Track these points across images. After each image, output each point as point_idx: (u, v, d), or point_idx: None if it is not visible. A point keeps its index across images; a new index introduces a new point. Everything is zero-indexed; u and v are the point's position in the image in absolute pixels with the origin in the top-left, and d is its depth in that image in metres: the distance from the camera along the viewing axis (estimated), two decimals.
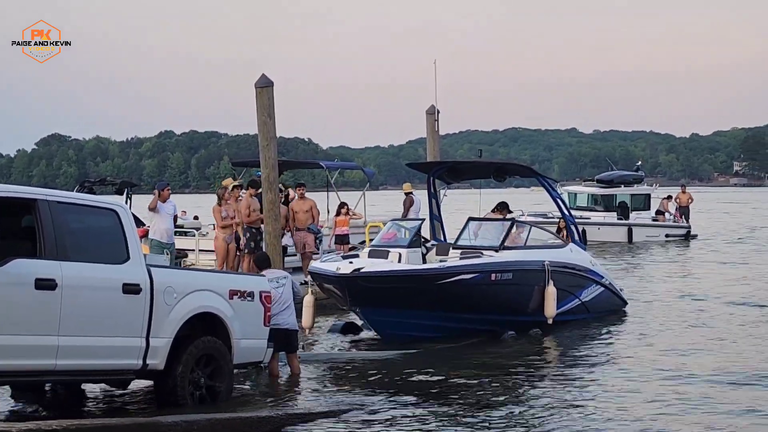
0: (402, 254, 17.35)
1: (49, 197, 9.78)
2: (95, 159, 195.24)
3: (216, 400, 11.01)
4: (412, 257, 17.50)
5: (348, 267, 15.98)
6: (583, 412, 11.43)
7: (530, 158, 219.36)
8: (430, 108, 25.72)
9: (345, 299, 16.21)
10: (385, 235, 18.54)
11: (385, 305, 15.95)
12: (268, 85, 19.53)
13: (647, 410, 11.48)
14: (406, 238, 17.99)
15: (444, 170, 20.40)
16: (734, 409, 11.57)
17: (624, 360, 14.84)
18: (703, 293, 22.91)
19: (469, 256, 16.91)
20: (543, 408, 11.65)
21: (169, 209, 19.23)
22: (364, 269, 15.95)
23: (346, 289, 15.89)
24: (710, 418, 11.19)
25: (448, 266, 16.55)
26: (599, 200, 43.72)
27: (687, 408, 11.63)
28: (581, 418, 11.15)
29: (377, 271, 16.06)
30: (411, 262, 17.26)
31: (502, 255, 17.11)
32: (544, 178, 19.52)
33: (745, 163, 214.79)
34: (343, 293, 16.06)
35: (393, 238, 18.15)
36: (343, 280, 15.81)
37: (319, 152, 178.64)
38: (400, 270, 16.39)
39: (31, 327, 9.22)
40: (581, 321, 18.37)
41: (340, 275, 15.83)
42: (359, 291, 15.84)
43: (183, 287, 10.72)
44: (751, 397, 12.13)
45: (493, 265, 16.74)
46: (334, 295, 16.56)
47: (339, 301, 16.80)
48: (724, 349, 15.62)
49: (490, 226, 18.51)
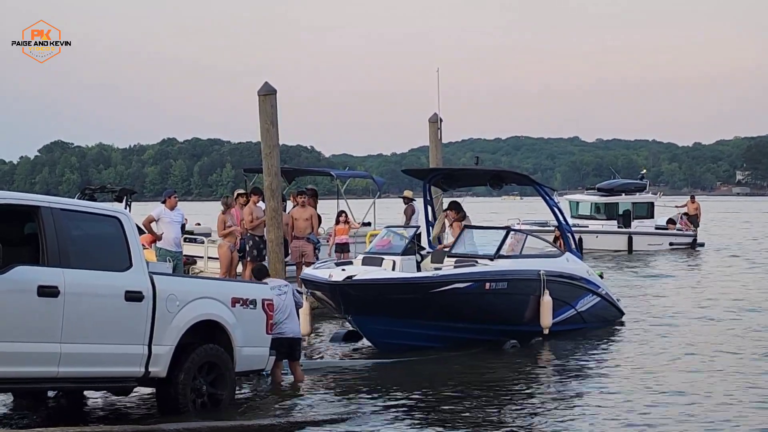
0: (396, 262, 17.19)
1: (52, 204, 9.80)
2: (98, 166, 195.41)
3: (218, 407, 11.00)
4: (407, 265, 17.34)
5: (340, 274, 15.75)
6: (575, 425, 11.38)
7: (533, 167, 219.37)
8: (432, 116, 25.72)
9: (337, 307, 16.01)
10: (379, 242, 18.39)
11: (377, 313, 15.69)
12: (271, 93, 19.55)
13: (641, 422, 11.41)
14: (401, 245, 17.89)
15: (440, 177, 20.26)
16: (730, 420, 11.52)
17: (618, 373, 14.63)
18: (702, 303, 22.83)
19: (464, 265, 16.68)
20: (534, 419, 11.62)
21: (176, 217, 19.23)
22: (357, 276, 15.72)
23: (339, 297, 15.67)
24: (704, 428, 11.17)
25: (442, 274, 16.31)
26: (602, 208, 43.54)
27: (682, 421, 11.55)
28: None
29: (369, 279, 15.79)
30: (405, 269, 17.07)
31: (497, 264, 16.87)
32: (541, 186, 19.29)
33: (748, 173, 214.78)
34: (335, 301, 15.86)
35: (387, 246, 18.02)
36: (336, 287, 15.59)
37: (322, 160, 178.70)
38: (393, 278, 16.16)
39: (33, 334, 9.22)
40: (577, 331, 18.12)
41: (332, 282, 15.61)
42: (351, 299, 15.60)
43: (185, 295, 10.72)
44: (741, 410, 11.99)
45: (487, 274, 16.51)
46: (327, 302, 16.42)
47: (331, 308, 16.64)
48: (721, 360, 15.48)
49: (485, 234, 18.39)
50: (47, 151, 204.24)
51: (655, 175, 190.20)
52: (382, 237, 18.61)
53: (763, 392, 13.04)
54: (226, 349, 11.15)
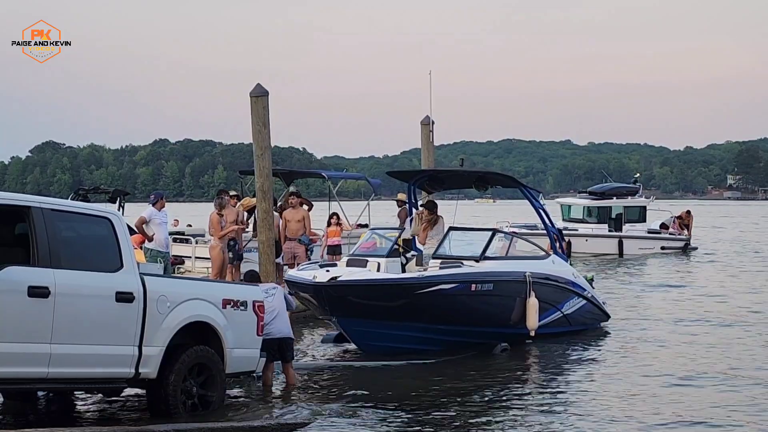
0: (381, 263, 17.16)
1: (42, 205, 9.77)
2: (89, 167, 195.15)
3: (208, 409, 10.99)
4: (391, 267, 17.31)
5: (325, 275, 15.69)
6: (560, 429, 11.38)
7: (524, 170, 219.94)
8: (425, 119, 25.70)
9: (321, 308, 15.90)
10: (364, 244, 18.33)
11: (362, 315, 15.61)
12: (263, 95, 19.57)
13: (626, 424, 11.42)
14: (386, 247, 17.83)
15: (425, 179, 20.14)
16: (713, 421, 11.56)
17: (602, 377, 14.59)
18: (687, 308, 22.86)
19: (449, 266, 16.58)
20: (519, 423, 11.62)
21: (164, 218, 19.24)
22: (341, 278, 15.65)
23: (323, 298, 15.60)
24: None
25: (427, 276, 16.19)
26: (594, 212, 43.48)
27: (669, 422, 11.57)
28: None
29: (354, 280, 15.72)
30: (390, 271, 17.04)
31: (482, 265, 16.78)
32: (527, 188, 19.22)
33: (739, 177, 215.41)
34: (319, 302, 15.76)
35: (372, 248, 17.98)
36: (320, 288, 15.53)
37: (314, 162, 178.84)
38: (377, 279, 16.10)
39: (23, 335, 9.20)
40: (563, 334, 18.06)
41: (316, 284, 15.53)
42: (335, 300, 15.52)
43: (176, 296, 10.70)
44: (725, 413, 12.01)
45: (473, 276, 16.39)
46: (311, 304, 16.33)
47: (316, 310, 16.53)
48: (706, 362, 15.54)
49: (471, 235, 18.32)
50: (39, 151, 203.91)
51: (647, 179, 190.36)
52: (368, 239, 18.58)
53: (750, 396, 13.06)
54: (216, 351, 11.14)
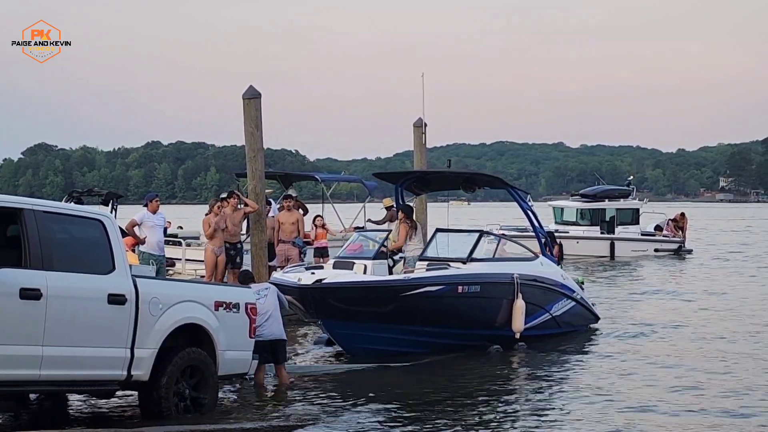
0: (367, 266, 17.13)
1: (35, 207, 9.76)
2: (82, 169, 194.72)
3: (200, 411, 10.99)
4: (378, 269, 17.27)
5: (310, 278, 15.66)
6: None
7: (517, 172, 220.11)
8: (417, 121, 25.73)
9: (307, 311, 15.85)
10: (350, 246, 18.30)
11: (347, 318, 15.56)
12: (256, 97, 19.56)
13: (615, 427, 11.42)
14: (372, 249, 17.80)
15: (412, 180, 20.08)
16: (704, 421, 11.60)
17: (592, 378, 14.58)
18: (678, 310, 22.91)
19: (436, 268, 16.56)
20: (508, 425, 11.67)
21: (159, 221, 19.21)
22: (326, 280, 15.63)
23: (308, 301, 15.54)
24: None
25: (413, 278, 16.14)
26: (586, 215, 43.43)
27: (659, 425, 11.59)
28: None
29: (339, 282, 15.70)
30: (376, 274, 17.01)
31: (469, 267, 16.73)
32: (514, 189, 19.17)
33: (731, 179, 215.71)
34: (305, 305, 15.70)
35: (358, 250, 17.95)
36: (305, 291, 15.47)
37: (306, 164, 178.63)
38: (363, 281, 16.08)
39: (15, 337, 9.18)
40: (552, 336, 18.02)
41: (301, 286, 15.47)
42: (321, 302, 15.47)
43: (168, 298, 10.70)
44: (713, 422, 11.95)
45: (459, 277, 16.33)
46: (297, 306, 16.24)
47: (301, 313, 16.45)
48: (697, 365, 15.56)
49: (458, 237, 18.30)
50: (31, 153, 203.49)
51: (639, 181, 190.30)
52: (354, 241, 18.55)
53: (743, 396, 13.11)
54: (209, 353, 11.14)
